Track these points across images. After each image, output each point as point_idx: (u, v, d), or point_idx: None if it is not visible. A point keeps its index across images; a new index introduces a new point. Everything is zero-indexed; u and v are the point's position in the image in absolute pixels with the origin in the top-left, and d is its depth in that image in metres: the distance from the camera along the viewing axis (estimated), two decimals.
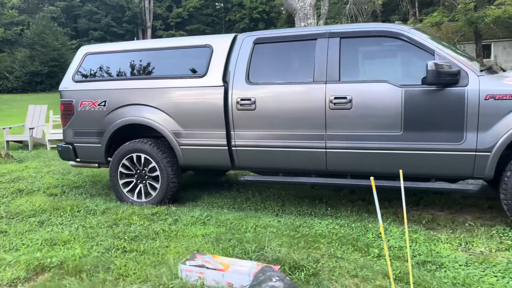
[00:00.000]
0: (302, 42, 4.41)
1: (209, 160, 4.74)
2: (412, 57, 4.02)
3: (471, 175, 3.86)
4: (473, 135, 3.74)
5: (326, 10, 20.67)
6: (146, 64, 5.03)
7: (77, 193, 5.75)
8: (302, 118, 4.25)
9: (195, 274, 2.94)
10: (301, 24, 17.44)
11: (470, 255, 3.43)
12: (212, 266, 2.97)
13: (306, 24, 17.40)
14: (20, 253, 3.58)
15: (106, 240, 3.81)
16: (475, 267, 3.19)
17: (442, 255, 3.41)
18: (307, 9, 17.23)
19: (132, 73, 5.06)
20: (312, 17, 17.55)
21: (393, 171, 4.09)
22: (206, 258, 3.11)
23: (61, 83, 5.38)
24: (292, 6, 17.12)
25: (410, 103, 3.89)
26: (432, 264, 3.25)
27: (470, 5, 24.43)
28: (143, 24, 47.07)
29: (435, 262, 3.28)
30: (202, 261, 3.05)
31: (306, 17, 17.19)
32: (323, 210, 4.69)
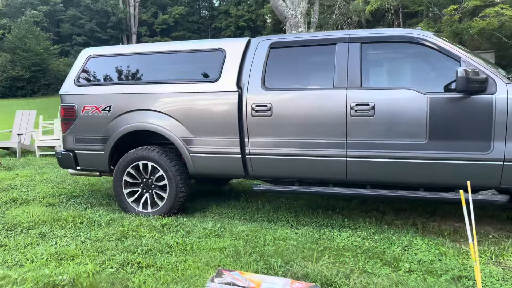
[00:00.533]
0: (320, 46, 4.27)
1: (221, 168, 4.53)
2: (437, 63, 3.91)
3: (498, 186, 3.75)
4: (501, 144, 3.64)
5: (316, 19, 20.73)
6: (155, 68, 4.81)
7: (76, 203, 5.45)
8: (321, 125, 4.09)
9: None
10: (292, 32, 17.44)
11: (504, 269, 3.30)
12: (243, 284, 2.75)
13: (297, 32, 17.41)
14: (25, 269, 3.30)
15: (118, 254, 3.55)
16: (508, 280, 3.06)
17: (473, 270, 3.27)
18: (298, 17, 17.24)
19: (140, 77, 4.83)
20: (303, 25, 17.57)
21: (417, 181, 3.97)
22: (234, 275, 2.89)
23: (62, 87, 5.11)
24: (283, 14, 17.10)
25: (436, 111, 3.77)
26: (468, 279, 3.11)
27: (455, 17, 24.92)
28: (128, 30, 46.54)
29: (471, 277, 3.13)
30: (231, 278, 2.83)
31: (297, 25, 17.20)
32: (339, 221, 4.52)
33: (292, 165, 4.23)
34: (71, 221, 4.47)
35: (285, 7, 16.60)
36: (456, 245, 3.78)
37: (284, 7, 16.63)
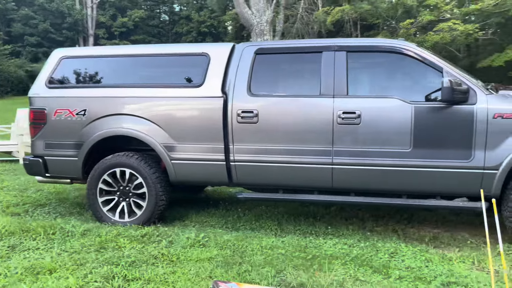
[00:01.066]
0: (306, 54, 4.28)
1: (204, 175, 4.42)
2: (420, 73, 4.02)
3: (478, 193, 3.87)
4: (481, 153, 3.78)
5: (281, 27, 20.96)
6: (135, 71, 4.64)
7: (43, 212, 5.14)
8: (308, 132, 4.08)
9: None
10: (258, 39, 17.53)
11: (487, 273, 3.40)
12: None
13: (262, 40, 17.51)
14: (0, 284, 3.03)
15: (100, 267, 3.35)
16: (499, 286, 3.15)
17: (462, 275, 3.35)
18: (264, 25, 17.35)
19: (119, 80, 4.62)
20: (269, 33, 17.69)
21: (401, 189, 4.04)
22: (231, 286, 2.80)
23: (31, 89, 4.80)
24: (249, 21, 17.15)
25: (420, 120, 3.86)
26: (457, 285, 3.18)
27: (411, 30, 26.03)
28: (84, 31, 45.05)
29: (459, 282, 3.21)
30: None
31: (263, 33, 17.31)
32: (323, 228, 4.52)
33: (278, 172, 4.19)
34: (42, 232, 4.19)
35: (251, 14, 16.65)
36: (439, 251, 3.87)
37: (250, 15, 16.67)
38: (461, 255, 3.75)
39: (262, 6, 16.85)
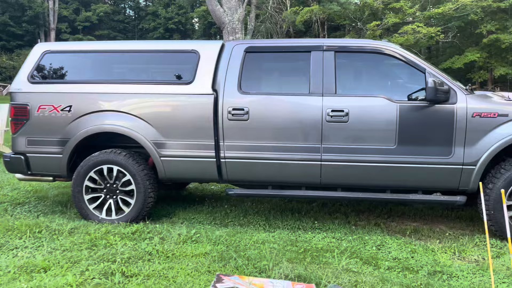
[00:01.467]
0: (296, 53, 4.38)
1: (194, 172, 4.44)
2: (406, 74, 4.21)
3: (457, 188, 4.12)
4: (461, 150, 4.01)
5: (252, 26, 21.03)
6: (123, 67, 4.59)
7: (24, 210, 4.99)
8: (298, 130, 4.19)
9: None
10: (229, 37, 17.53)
11: (469, 263, 3.63)
12: (247, 285, 2.73)
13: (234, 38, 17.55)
14: None
15: (95, 264, 3.32)
16: (481, 274, 3.38)
17: (446, 264, 3.56)
18: (235, 23, 17.38)
19: (107, 76, 4.55)
20: (240, 31, 17.74)
21: (387, 184, 4.22)
22: (234, 279, 2.86)
23: (13, 84, 4.65)
24: (221, 19, 17.13)
25: (405, 118, 4.05)
26: (443, 274, 3.38)
27: (377, 32, 26.79)
28: (46, 25, 43.44)
29: (444, 271, 3.41)
30: (233, 283, 2.80)
31: (234, 31, 17.34)
32: (310, 223, 4.65)
33: (268, 169, 4.27)
34: (27, 230, 4.08)
35: (223, 12, 16.62)
36: (421, 243, 4.08)
37: (221, 12, 16.64)
38: (443, 246, 3.97)
39: (234, 4, 16.85)
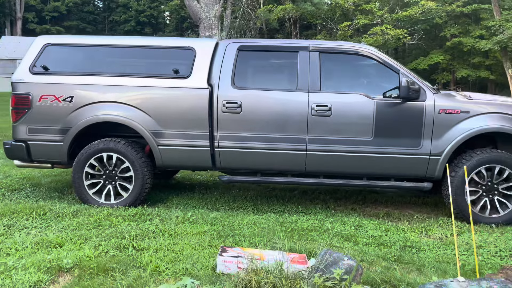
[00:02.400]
0: (284, 53, 4.81)
1: (190, 160, 4.80)
2: (382, 74, 4.72)
3: (425, 176, 4.67)
4: (428, 142, 4.56)
5: (228, 23, 21.32)
6: (123, 61, 4.88)
7: (22, 196, 5.20)
8: (286, 122, 4.62)
9: (234, 264, 3.08)
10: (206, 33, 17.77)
11: (434, 240, 4.19)
12: (249, 257, 3.14)
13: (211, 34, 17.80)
14: (15, 257, 3.24)
15: (106, 240, 3.65)
16: (445, 248, 3.93)
17: (415, 240, 4.09)
18: (212, 19, 17.65)
19: (107, 69, 4.83)
20: (217, 27, 18.01)
21: (364, 172, 4.73)
22: (237, 250, 3.27)
23: (14, 75, 4.86)
24: (198, 15, 17.34)
25: (380, 113, 4.57)
26: (413, 248, 3.91)
27: (348, 32, 27.64)
28: (12, 14, 42.07)
29: (414, 246, 3.94)
30: (236, 252, 3.21)
31: (211, 27, 17.60)
32: (294, 208, 5.11)
33: (258, 157, 4.69)
34: (32, 212, 4.35)
35: (200, 8, 16.82)
36: (393, 224, 4.61)
37: (198, 8, 16.83)
38: (412, 226, 4.52)
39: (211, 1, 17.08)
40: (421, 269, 3.39)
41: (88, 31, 46.22)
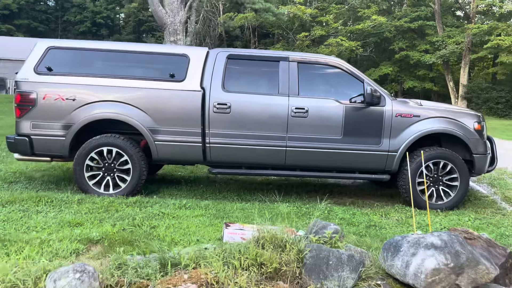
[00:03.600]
0: (267, 62, 5.54)
1: (183, 155, 5.39)
2: (349, 82, 5.55)
3: (384, 169, 5.55)
4: (387, 141, 5.45)
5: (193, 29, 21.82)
6: (123, 65, 5.39)
7: (21, 187, 5.56)
8: (269, 122, 5.34)
9: (238, 236, 3.74)
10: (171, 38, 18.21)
11: (392, 221, 5.05)
12: (248, 230, 3.81)
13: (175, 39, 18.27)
14: (45, 233, 3.71)
15: (120, 221, 4.18)
16: (402, 226, 4.79)
17: (377, 221, 4.93)
18: (177, 25, 18.15)
19: (109, 72, 5.33)
20: (182, 33, 18.50)
21: (334, 166, 5.53)
22: (238, 225, 3.93)
23: (19, 74, 5.24)
24: (163, 20, 17.79)
25: (348, 116, 5.40)
26: (376, 227, 4.73)
27: (306, 42, 28.97)
28: None
29: (376, 225, 4.77)
30: (238, 226, 3.86)
31: (176, 33, 18.09)
32: (272, 198, 5.82)
33: (244, 152, 5.37)
34: (39, 200, 4.76)
35: (165, 13, 17.24)
36: (358, 209, 5.44)
37: (163, 14, 17.25)
38: (373, 211, 5.37)
39: (176, 7, 17.53)
40: (384, 240, 4.19)
41: (40, 30, 44.84)
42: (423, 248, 2.64)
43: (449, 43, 27.42)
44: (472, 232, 3.13)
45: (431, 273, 2.53)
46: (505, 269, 2.91)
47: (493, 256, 2.90)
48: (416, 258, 2.61)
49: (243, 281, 2.51)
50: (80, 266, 2.44)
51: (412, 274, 2.58)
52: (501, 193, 6.57)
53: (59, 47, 5.39)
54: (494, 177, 7.48)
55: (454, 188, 5.52)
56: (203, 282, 2.51)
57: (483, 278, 2.65)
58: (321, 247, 2.85)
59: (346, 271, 2.69)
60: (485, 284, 2.70)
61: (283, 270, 2.72)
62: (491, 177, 7.50)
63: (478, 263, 2.63)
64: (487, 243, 3.02)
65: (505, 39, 24.27)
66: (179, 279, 2.54)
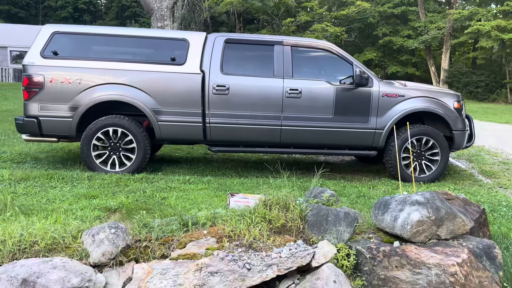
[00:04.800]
0: (262, 45, 5.88)
1: (184, 134, 5.73)
2: (339, 65, 5.94)
3: (371, 145, 5.99)
4: (374, 119, 5.87)
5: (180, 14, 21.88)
6: (126, 49, 5.66)
7: (29, 167, 5.83)
8: (265, 102, 5.71)
9: (242, 203, 4.12)
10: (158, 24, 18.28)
11: (380, 192, 5.51)
12: (252, 198, 4.20)
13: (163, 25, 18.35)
14: (65, 203, 4.03)
15: (132, 193, 4.53)
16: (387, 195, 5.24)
17: (366, 192, 5.38)
18: (164, 10, 18.23)
19: (112, 55, 5.60)
20: (169, 18, 18.59)
21: (326, 143, 5.95)
22: (242, 195, 4.31)
23: (26, 58, 5.47)
24: (150, 5, 17.83)
25: (339, 96, 5.80)
26: (365, 197, 5.18)
27: (291, 28, 29.21)
28: None
29: (366, 195, 5.22)
30: (242, 195, 4.25)
31: (163, 18, 18.17)
32: (268, 174, 6.21)
33: (242, 131, 5.73)
34: (51, 177, 5.05)
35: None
36: (348, 183, 5.89)
37: None
38: (362, 184, 5.83)
39: None
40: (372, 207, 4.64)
41: (21, 16, 43.97)
42: (408, 204, 3.07)
43: (431, 29, 28.04)
44: (450, 194, 3.58)
45: (416, 224, 2.96)
46: (479, 224, 3.37)
47: (469, 213, 3.35)
48: (403, 213, 3.03)
49: (256, 232, 2.90)
50: (114, 224, 2.80)
51: (399, 226, 3.01)
52: (478, 167, 7.10)
53: (64, 32, 5.63)
54: (472, 154, 8.02)
55: (435, 162, 6.00)
56: (221, 235, 2.89)
57: (460, 230, 3.10)
58: (321, 206, 3.26)
59: (343, 226, 3.10)
60: (462, 235, 3.15)
61: (288, 226, 3.12)
62: (469, 153, 8.05)
63: (456, 217, 3.08)
64: (463, 202, 3.47)
65: (485, 24, 24.97)
66: (200, 233, 2.91)
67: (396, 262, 2.86)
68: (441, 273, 2.75)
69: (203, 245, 2.80)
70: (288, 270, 2.67)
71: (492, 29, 24.55)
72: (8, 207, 3.48)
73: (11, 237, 2.77)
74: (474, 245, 3.02)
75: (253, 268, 2.61)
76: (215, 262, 2.60)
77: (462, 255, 2.86)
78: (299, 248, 2.80)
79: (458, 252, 2.88)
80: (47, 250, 2.78)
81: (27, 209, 3.70)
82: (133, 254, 2.73)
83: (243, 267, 2.59)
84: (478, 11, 26.20)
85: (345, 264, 2.99)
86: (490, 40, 25.65)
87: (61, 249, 2.78)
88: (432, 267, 2.77)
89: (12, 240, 2.74)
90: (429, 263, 2.79)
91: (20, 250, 2.73)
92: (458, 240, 3.10)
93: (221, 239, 2.85)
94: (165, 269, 2.55)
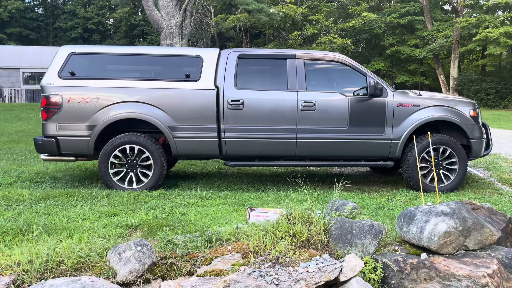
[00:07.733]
0: (276, 60, 5.92)
1: (200, 149, 5.75)
2: (353, 76, 5.95)
3: (388, 156, 5.95)
4: (390, 129, 5.85)
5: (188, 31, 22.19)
6: (142, 67, 5.74)
7: (48, 186, 5.88)
8: (279, 116, 5.72)
9: (262, 218, 4.11)
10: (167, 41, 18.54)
11: (399, 203, 5.45)
12: (272, 212, 4.19)
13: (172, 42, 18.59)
14: (87, 222, 4.05)
15: (151, 210, 4.54)
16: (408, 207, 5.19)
17: (385, 204, 5.33)
18: (173, 28, 18.51)
19: (128, 74, 5.68)
20: (178, 36, 18.86)
21: (341, 154, 5.93)
22: (261, 209, 4.30)
23: (44, 79, 5.56)
24: (159, 24, 18.11)
25: (353, 108, 5.79)
26: (384, 208, 5.13)
27: (298, 41, 29.42)
28: None
29: (385, 207, 5.17)
30: (262, 210, 4.24)
31: (172, 36, 18.44)
32: (285, 187, 6.20)
33: (257, 145, 5.74)
34: (70, 196, 5.09)
35: (160, 17, 17.58)
36: (366, 194, 5.84)
37: (159, 17, 17.58)
38: (380, 195, 5.77)
39: (171, 10, 17.86)
40: (393, 219, 4.59)
41: (32, 38, 44.87)
42: (434, 215, 3.03)
43: (439, 37, 28.03)
44: (475, 203, 3.53)
45: (443, 235, 2.92)
46: (506, 233, 3.32)
47: (495, 222, 3.30)
48: (429, 224, 3.00)
49: (281, 247, 2.88)
50: (139, 241, 2.80)
51: (426, 238, 2.97)
52: (496, 175, 7.01)
53: (81, 52, 5.73)
54: (489, 162, 7.93)
55: (454, 171, 5.93)
56: (246, 251, 2.88)
57: (488, 240, 3.05)
58: (344, 219, 3.23)
59: (368, 239, 3.07)
60: (490, 245, 3.10)
61: (312, 240, 3.10)
62: (486, 162, 7.96)
63: (483, 227, 3.03)
64: (489, 211, 3.42)
65: (493, 31, 24.90)
66: (224, 249, 2.90)
67: (425, 275, 2.81)
68: (471, 285, 2.70)
69: (228, 261, 2.79)
70: (317, 285, 2.64)
71: (500, 36, 24.47)
72: (32, 227, 3.51)
73: (38, 257, 2.79)
74: (503, 255, 2.96)
75: (281, 283, 2.59)
76: (243, 278, 2.58)
77: (492, 266, 2.81)
78: (326, 263, 2.78)
79: (487, 263, 2.83)
80: (73, 269, 2.79)
81: (50, 229, 3.72)
82: (159, 272, 2.73)
83: (271, 283, 2.57)
84: (486, 18, 26.15)
85: (372, 278, 2.95)
86: (498, 47, 25.54)
87: (87, 267, 2.78)
88: (462, 279, 2.72)
89: (39, 260, 2.75)
90: (459, 275, 2.74)
91: (47, 269, 2.75)
92: (486, 250, 3.04)
93: (247, 254, 2.84)
94: (193, 286, 2.54)
